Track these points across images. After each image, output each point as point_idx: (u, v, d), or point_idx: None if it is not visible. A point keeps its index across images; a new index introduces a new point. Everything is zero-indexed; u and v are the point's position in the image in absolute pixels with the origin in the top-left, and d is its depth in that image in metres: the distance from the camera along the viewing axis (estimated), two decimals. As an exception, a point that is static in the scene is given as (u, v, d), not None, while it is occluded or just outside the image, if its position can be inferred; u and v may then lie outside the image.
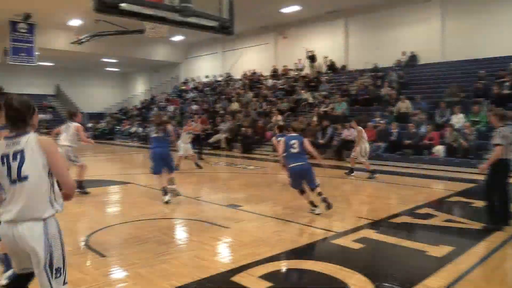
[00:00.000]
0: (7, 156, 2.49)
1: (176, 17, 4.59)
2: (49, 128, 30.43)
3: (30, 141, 2.50)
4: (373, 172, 10.63)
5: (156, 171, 7.61)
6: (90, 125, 29.55)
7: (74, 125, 8.13)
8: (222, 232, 5.56)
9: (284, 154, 6.73)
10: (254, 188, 9.41)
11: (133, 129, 26.67)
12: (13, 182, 2.47)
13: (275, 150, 10.69)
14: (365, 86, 18.00)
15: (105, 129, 29.30)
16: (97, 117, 32.54)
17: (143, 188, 9.17)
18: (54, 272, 2.46)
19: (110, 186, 9.42)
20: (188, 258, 4.59)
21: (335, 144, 15.07)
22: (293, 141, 6.65)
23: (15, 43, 22.61)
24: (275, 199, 8.02)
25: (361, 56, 20.69)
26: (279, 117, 18.51)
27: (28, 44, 22.99)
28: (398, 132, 14.21)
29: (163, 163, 7.59)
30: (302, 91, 20.04)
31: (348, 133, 14.56)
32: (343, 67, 21.80)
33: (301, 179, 6.62)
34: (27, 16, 21.44)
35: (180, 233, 5.76)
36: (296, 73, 23.04)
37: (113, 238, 5.37)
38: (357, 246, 4.99)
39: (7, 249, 2.54)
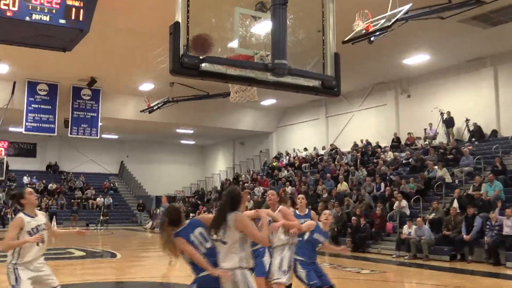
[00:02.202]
0: None
1: (268, 77, 4.88)
2: (106, 215, 32.58)
3: None
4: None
5: None
6: (157, 211, 31.02)
7: None
8: None
9: None
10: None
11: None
12: None
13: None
14: (527, 159, 17.02)
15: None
16: (170, 200, 34.14)
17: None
18: None
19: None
20: None
21: (488, 241, 14.16)
22: None
23: (77, 112, 25.27)
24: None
25: (519, 117, 19.84)
26: (403, 203, 17.98)
27: (92, 114, 25.56)
28: None
29: None
30: (436, 167, 19.47)
31: (510, 224, 13.75)
32: (494, 132, 20.96)
33: None
34: (92, 81, 24.02)
35: None
36: (426, 143, 22.53)
37: None
38: None
39: None
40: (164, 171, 40.15)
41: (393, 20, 11.26)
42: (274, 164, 30.76)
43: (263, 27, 5.02)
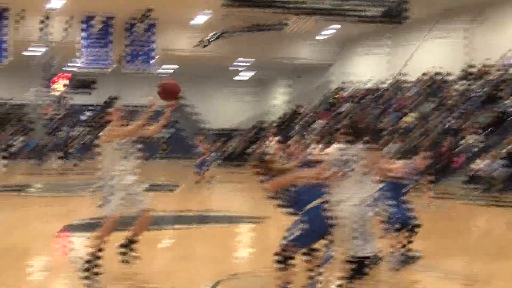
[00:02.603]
0: None
1: (327, 5, 4.68)
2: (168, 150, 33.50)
3: None
4: None
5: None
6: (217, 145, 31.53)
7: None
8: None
9: None
10: (438, 235, 9.11)
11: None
12: None
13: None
14: None
15: (235, 151, 30.98)
16: (226, 135, 34.62)
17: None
18: None
19: (240, 224, 9.96)
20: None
21: None
22: None
23: (133, 46, 25.58)
24: (471, 254, 7.77)
25: None
26: (474, 137, 17.50)
27: (147, 47, 25.82)
28: None
29: None
30: (510, 99, 18.76)
31: None
32: None
33: None
34: (146, 13, 24.06)
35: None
36: (500, 73, 21.57)
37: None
38: None
39: None
40: (221, 105, 40.53)
41: None
42: (335, 97, 30.42)
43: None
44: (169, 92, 5.75)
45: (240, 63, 34.19)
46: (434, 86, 24.18)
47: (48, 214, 11.42)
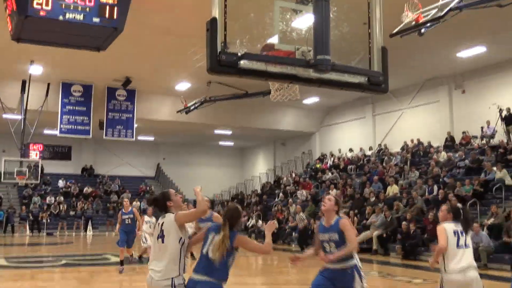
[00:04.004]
0: None
1: (310, 74, 4.85)
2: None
3: None
4: None
5: None
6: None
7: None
8: None
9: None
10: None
11: (250, 222, 27.54)
12: None
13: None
14: None
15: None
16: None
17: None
18: None
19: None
20: None
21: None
22: None
23: (112, 114, 25.81)
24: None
25: None
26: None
27: (127, 115, 26.06)
28: None
29: None
30: (494, 168, 19.02)
31: None
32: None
33: None
34: (127, 81, 24.49)
35: None
36: (483, 142, 22.03)
37: None
38: None
39: None
40: (201, 174, 40.45)
41: (445, 10, 10.99)
42: (318, 166, 30.66)
43: (304, 21, 4.99)
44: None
45: (222, 131, 34.44)
46: (417, 155, 24.57)
47: None
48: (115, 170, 38.21)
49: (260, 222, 26.53)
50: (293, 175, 31.83)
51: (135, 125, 26.60)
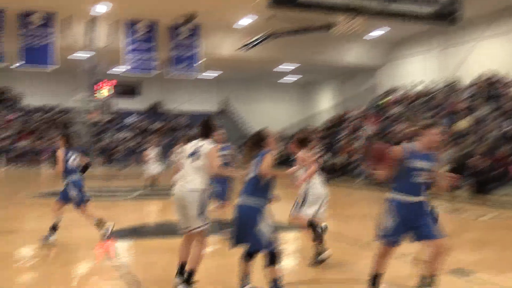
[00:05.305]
0: None
1: (375, 5, 4.60)
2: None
3: None
4: None
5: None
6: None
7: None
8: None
9: None
10: (492, 247, 8.89)
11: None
12: None
13: None
14: None
15: (281, 157, 30.91)
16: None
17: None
18: None
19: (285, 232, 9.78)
20: None
21: None
22: None
23: (177, 50, 25.95)
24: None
25: None
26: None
27: (192, 51, 26.14)
28: None
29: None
30: None
31: None
32: None
33: None
34: (190, 17, 24.35)
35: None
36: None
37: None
38: None
39: None
40: (265, 110, 40.60)
41: None
42: (384, 100, 30.04)
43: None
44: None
45: (286, 66, 34.16)
46: (490, 89, 23.58)
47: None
48: (183, 106, 38.78)
49: (326, 157, 26.44)
50: (359, 110, 31.34)
51: (200, 61, 26.70)
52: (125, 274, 6.55)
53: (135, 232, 9.82)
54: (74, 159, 8.36)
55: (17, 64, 25.21)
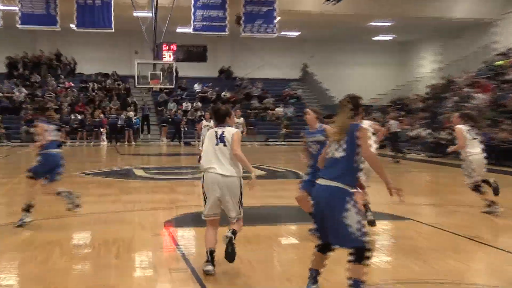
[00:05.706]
0: None
1: None
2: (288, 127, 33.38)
3: None
4: None
5: None
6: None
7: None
8: None
9: None
10: None
11: (414, 132, 26.92)
12: None
13: None
14: None
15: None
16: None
17: (427, 228, 9.08)
18: None
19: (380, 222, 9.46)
20: None
21: None
22: None
23: (251, 6, 25.81)
24: None
25: None
26: None
27: (267, 7, 25.94)
28: None
29: None
30: None
31: None
32: None
33: None
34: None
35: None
36: None
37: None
38: None
39: None
40: (354, 74, 39.84)
41: None
42: (500, 63, 28.90)
43: None
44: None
45: (378, 23, 33.47)
46: None
47: (155, 201, 11.83)
48: (255, 73, 38.66)
49: (427, 132, 25.85)
50: (468, 74, 30.36)
51: (277, 19, 26.46)
52: (190, 265, 6.57)
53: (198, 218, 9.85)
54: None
55: (73, 26, 25.99)
